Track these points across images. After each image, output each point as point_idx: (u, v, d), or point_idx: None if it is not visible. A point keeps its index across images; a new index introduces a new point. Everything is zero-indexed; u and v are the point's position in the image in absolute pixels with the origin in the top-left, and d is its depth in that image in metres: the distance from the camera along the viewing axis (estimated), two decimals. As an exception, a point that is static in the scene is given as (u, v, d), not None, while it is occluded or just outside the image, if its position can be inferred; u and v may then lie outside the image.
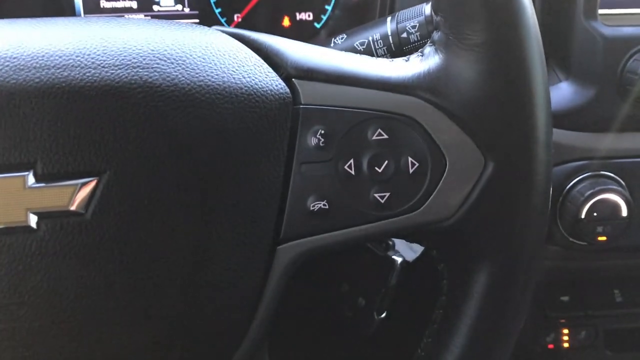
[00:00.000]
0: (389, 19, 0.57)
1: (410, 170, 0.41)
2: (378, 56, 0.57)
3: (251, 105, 0.41)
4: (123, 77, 0.39)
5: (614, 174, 0.70)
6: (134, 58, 0.40)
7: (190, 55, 0.41)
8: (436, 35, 0.43)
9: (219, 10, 0.89)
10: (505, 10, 0.40)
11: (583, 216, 0.68)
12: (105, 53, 0.40)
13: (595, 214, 0.68)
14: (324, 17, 0.90)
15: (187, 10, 0.88)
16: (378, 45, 0.56)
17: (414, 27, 0.55)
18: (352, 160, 0.41)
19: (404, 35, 0.55)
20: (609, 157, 0.70)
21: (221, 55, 0.42)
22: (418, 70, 0.42)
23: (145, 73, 0.39)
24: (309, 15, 0.90)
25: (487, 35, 0.40)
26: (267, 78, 0.42)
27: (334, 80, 0.42)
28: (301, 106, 0.41)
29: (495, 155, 0.41)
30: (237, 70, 0.41)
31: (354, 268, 0.64)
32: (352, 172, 0.41)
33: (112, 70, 0.39)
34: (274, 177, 0.41)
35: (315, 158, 0.41)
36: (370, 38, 0.57)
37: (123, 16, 0.87)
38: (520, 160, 0.41)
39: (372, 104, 0.41)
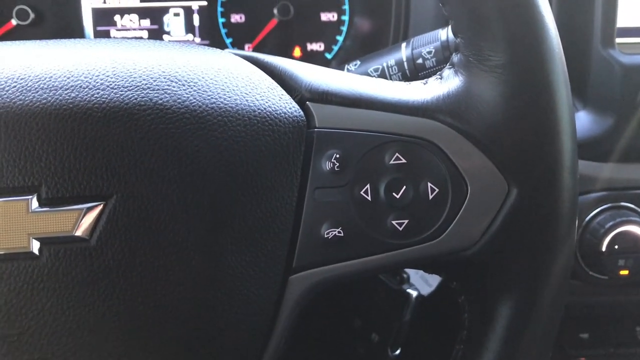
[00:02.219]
0: (403, 44, 0.56)
1: (430, 197, 0.40)
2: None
3: (264, 129, 0.39)
4: (132, 98, 0.38)
5: (635, 205, 0.68)
6: (143, 80, 0.38)
7: (202, 77, 0.39)
8: (455, 57, 0.41)
9: (230, 40, 0.88)
10: (528, 30, 0.38)
11: (604, 249, 0.66)
12: (115, 74, 0.39)
13: (616, 247, 0.66)
14: (335, 48, 0.89)
15: (198, 39, 0.88)
16: (393, 72, 0.55)
17: (429, 52, 0.54)
18: (368, 186, 0.40)
19: (420, 61, 0.54)
20: (630, 188, 0.68)
21: (234, 77, 0.40)
22: (437, 92, 0.41)
23: (156, 95, 0.38)
24: (320, 46, 0.89)
25: (509, 56, 0.38)
26: (280, 101, 0.40)
27: (350, 103, 0.40)
28: (316, 130, 0.40)
29: (519, 181, 0.39)
30: (250, 92, 0.40)
31: (367, 302, 0.62)
32: (369, 198, 0.40)
33: (121, 91, 0.38)
34: (287, 202, 0.39)
35: (330, 183, 0.40)
36: (385, 64, 0.56)
37: (133, 46, 0.87)
38: (545, 187, 0.39)
39: (389, 127, 0.40)
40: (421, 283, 0.64)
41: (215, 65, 0.41)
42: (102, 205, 0.36)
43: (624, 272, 0.67)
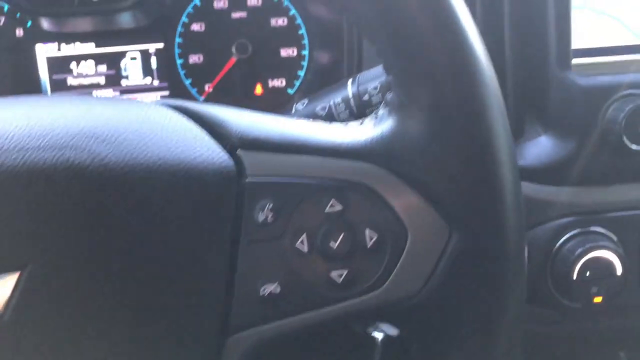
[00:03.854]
0: (349, 81, 0.54)
1: (369, 244, 0.38)
2: (340, 120, 0.54)
3: (191, 182, 0.37)
4: (47, 159, 0.36)
5: (605, 229, 0.66)
6: (60, 138, 0.37)
7: (124, 132, 0.38)
8: (389, 95, 0.40)
9: (189, 81, 0.87)
10: (458, 66, 0.37)
11: (575, 276, 0.64)
12: (30, 134, 0.37)
13: (588, 274, 0.64)
14: (297, 83, 0.88)
15: (156, 82, 0.87)
16: (340, 109, 0.54)
17: (375, 88, 0.52)
18: (304, 236, 0.38)
19: (366, 97, 0.53)
20: (598, 212, 0.66)
21: (158, 129, 0.39)
22: (372, 134, 0.39)
23: (73, 154, 0.36)
24: (281, 82, 0.88)
25: (439, 94, 0.37)
26: (208, 151, 0.38)
27: (282, 149, 0.39)
28: (247, 179, 0.38)
29: (460, 224, 0.37)
30: (175, 144, 0.38)
31: (330, 349, 0.59)
32: (305, 250, 0.38)
33: (37, 152, 0.36)
34: (219, 259, 0.37)
35: (264, 236, 0.38)
36: (332, 102, 0.54)
37: (91, 93, 0.86)
38: (488, 228, 0.37)
39: (323, 172, 0.38)
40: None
41: (139, 118, 0.39)
42: (16, 275, 0.34)
43: (598, 299, 0.64)
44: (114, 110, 0.39)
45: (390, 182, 0.38)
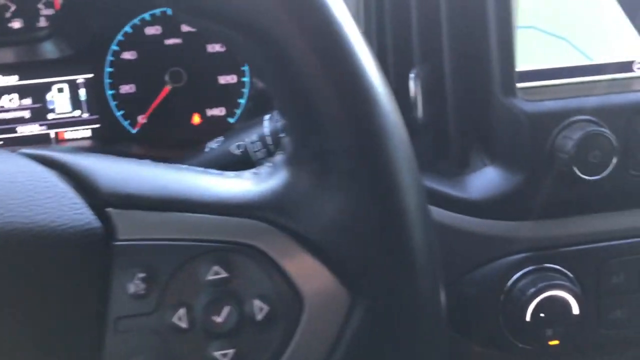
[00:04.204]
0: (266, 117, 0.49)
1: (259, 317, 0.32)
2: (257, 160, 0.49)
3: (51, 247, 0.32)
4: None
5: (559, 265, 0.61)
6: None
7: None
8: (285, 143, 0.34)
9: (121, 112, 0.81)
10: (354, 110, 0.32)
11: (529, 318, 0.59)
12: None
13: (542, 315, 0.58)
14: (238, 112, 0.83)
15: (86, 115, 0.81)
16: (256, 148, 0.49)
17: (291, 125, 0.47)
18: (182, 310, 0.32)
19: (283, 134, 0.47)
20: (552, 247, 0.61)
21: (13, 187, 0.33)
22: (264, 186, 0.34)
23: None
24: (221, 111, 0.83)
25: (344, 149, 0.31)
26: (70, 211, 0.33)
27: (158, 207, 0.33)
28: (116, 243, 0.33)
29: (363, 290, 0.32)
30: (32, 205, 0.33)
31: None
32: (184, 326, 0.32)
33: None
34: (84, 340, 0.31)
35: (135, 310, 0.32)
36: (247, 140, 0.49)
37: (14, 128, 0.80)
38: (397, 295, 0.32)
39: (203, 232, 0.33)
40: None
41: (-9, 173, 0.33)
42: None
43: (554, 342, 0.59)
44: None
45: (282, 244, 0.32)
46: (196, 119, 0.83)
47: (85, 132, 0.81)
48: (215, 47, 0.82)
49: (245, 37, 0.32)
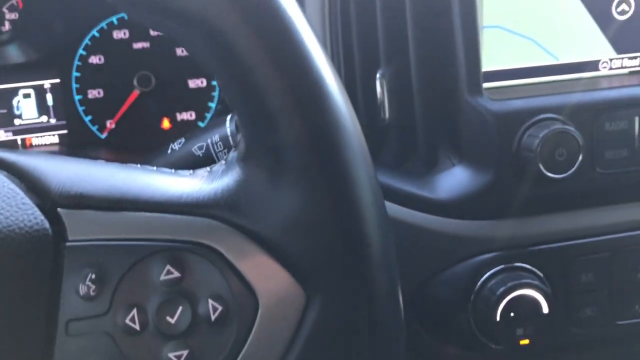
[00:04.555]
0: (228, 117, 0.49)
1: (213, 317, 0.31)
2: (219, 160, 0.48)
3: None
4: None
5: (528, 264, 0.61)
6: None
7: None
8: (238, 140, 0.34)
9: (89, 117, 0.80)
10: (306, 102, 0.31)
11: (498, 318, 0.58)
12: None
13: (512, 314, 0.58)
14: (208, 115, 0.82)
15: (53, 121, 0.80)
16: (218, 148, 0.48)
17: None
18: (134, 312, 0.31)
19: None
20: (521, 246, 0.61)
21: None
22: (216, 184, 0.33)
23: None
24: (191, 115, 0.82)
25: (296, 143, 0.31)
26: (19, 211, 0.32)
27: (109, 206, 0.32)
28: (67, 243, 0.32)
29: (319, 288, 0.32)
30: (-22, 206, 0.32)
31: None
32: (137, 327, 0.31)
33: None
34: (34, 343, 0.31)
35: (87, 312, 0.31)
36: (209, 140, 0.48)
37: (-22, 136, 0.78)
38: (352, 292, 0.31)
39: (155, 232, 0.32)
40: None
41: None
42: None
43: (525, 342, 0.59)
44: None
45: (236, 242, 0.32)
46: (166, 123, 0.82)
47: (52, 138, 0.80)
48: (184, 51, 0.81)
49: (191, 29, 0.31)
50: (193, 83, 0.82)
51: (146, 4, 0.31)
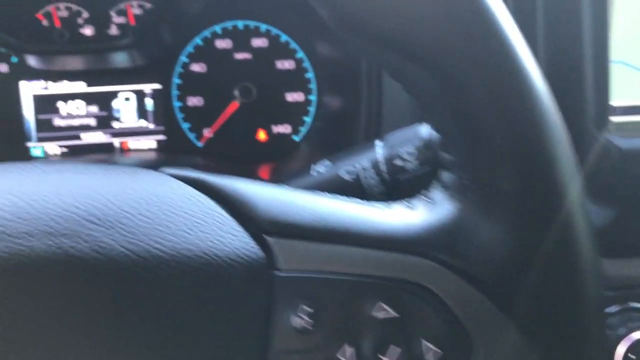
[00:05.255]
0: (378, 143, 0.48)
1: (426, 358, 0.31)
2: (369, 187, 0.48)
3: (212, 275, 0.31)
4: (39, 248, 0.29)
5: (645, 305, 0.60)
6: (56, 223, 0.30)
7: (130, 214, 0.31)
8: (446, 176, 0.33)
9: (188, 125, 0.80)
10: (539, 148, 0.31)
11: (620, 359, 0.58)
12: (17, 216, 0.30)
13: (633, 357, 0.57)
14: (303, 130, 0.82)
15: (152, 126, 0.80)
16: (368, 175, 0.47)
17: (410, 153, 0.46)
18: (348, 348, 0.31)
19: (398, 162, 0.46)
20: (637, 286, 0.60)
21: (172, 211, 0.32)
22: (427, 221, 0.33)
23: (68, 242, 0.30)
24: (286, 128, 0.82)
25: (518, 180, 0.31)
26: (231, 238, 0.32)
27: (320, 238, 0.32)
28: (278, 273, 0.32)
29: (540, 337, 0.31)
30: (192, 229, 0.32)
31: None
32: None
33: (26, 240, 0.29)
34: None
35: (299, 345, 0.31)
36: (359, 166, 0.48)
37: (79, 135, 0.79)
38: (572, 343, 0.31)
39: (370, 268, 0.32)
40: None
41: (148, 195, 0.32)
42: None
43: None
44: (119, 184, 0.33)
45: (452, 283, 0.31)
46: (262, 135, 0.82)
47: (150, 142, 0.80)
48: (284, 64, 0.81)
49: (420, 68, 0.31)
50: (291, 97, 0.82)
51: (371, 34, 0.31)
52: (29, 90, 0.78)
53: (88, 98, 0.79)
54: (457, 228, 0.32)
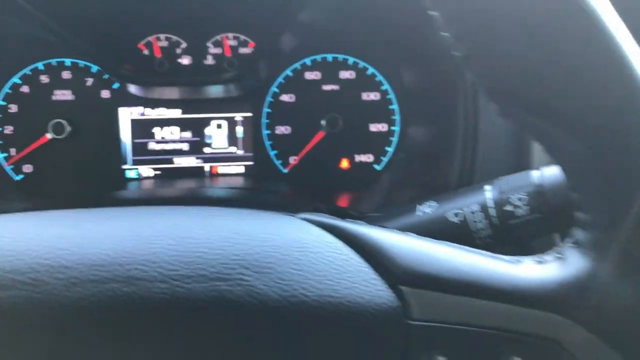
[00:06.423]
0: (488, 187, 0.50)
1: None
2: (476, 230, 0.49)
3: (352, 319, 0.33)
4: (198, 291, 0.32)
5: None
6: (211, 267, 0.32)
7: (282, 261, 0.33)
8: (580, 234, 0.35)
9: (275, 152, 0.83)
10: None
11: None
12: (177, 259, 0.33)
13: None
14: (384, 159, 0.84)
15: (241, 152, 0.83)
16: (477, 218, 0.49)
17: (521, 199, 0.47)
18: None
19: (508, 207, 0.48)
20: None
21: (317, 258, 0.34)
22: (561, 278, 0.34)
23: (225, 286, 0.32)
24: (369, 157, 0.84)
25: None
26: (370, 286, 0.34)
27: (454, 290, 0.34)
28: (413, 322, 0.33)
29: None
30: (335, 276, 0.34)
31: None
32: None
33: (185, 283, 0.32)
34: None
35: None
36: (467, 209, 0.49)
37: (172, 159, 0.83)
38: None
39: (506, 322, 0.33)
40: None
41: (296, 243, 0.35)
42: None
43: None
44: (267, 231, 0.35)
45: (586, 341, 0.32)
46: (344, 163, 0.84)
47: (238, 168, 0.84)
48: (369, 95, 0.83)
49: (569, 135, 0.32)
50: (374, 127, 0.84)
51: (523, 103, 0.32)
52: (127, 115, 0.82)
53: (182, 124, 0.82)
54: (592, 286, 0.33)
